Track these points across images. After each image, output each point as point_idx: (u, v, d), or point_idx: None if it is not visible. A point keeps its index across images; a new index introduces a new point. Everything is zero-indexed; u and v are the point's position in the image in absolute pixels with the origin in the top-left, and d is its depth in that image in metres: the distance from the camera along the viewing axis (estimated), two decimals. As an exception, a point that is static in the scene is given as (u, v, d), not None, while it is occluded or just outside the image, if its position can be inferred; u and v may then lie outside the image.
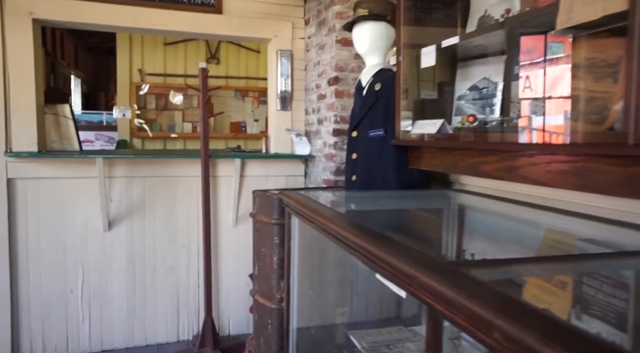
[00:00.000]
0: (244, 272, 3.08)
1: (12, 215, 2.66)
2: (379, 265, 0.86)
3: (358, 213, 1.36)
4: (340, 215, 1.13)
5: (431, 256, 0.78)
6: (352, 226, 1.01)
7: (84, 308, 2.82)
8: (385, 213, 1.42)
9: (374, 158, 1.84)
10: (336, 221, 1.05)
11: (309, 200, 1.38)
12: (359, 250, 0.95)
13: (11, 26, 2.59)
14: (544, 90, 1.14)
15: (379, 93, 1.85)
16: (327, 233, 1.11)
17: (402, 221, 1.36)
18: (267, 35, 3.06)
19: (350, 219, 1.08)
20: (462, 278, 0.65)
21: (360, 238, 0.91)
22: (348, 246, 0.98)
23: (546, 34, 1.34)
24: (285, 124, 3.12)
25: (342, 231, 0.99)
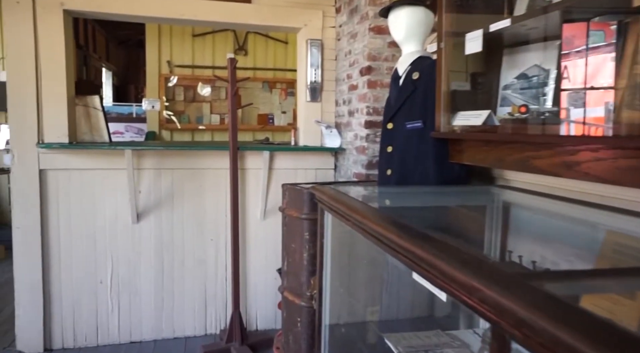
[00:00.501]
0: (272, 266, 3.03)
1: (44, 206, 2.68)
2: (427, 271, 0.78)
3: (398, 211, 1.27)
4: (381, 214, 1.04)
5: (492, 264, 0.68)
6: (395, 226, 0.92)
7: (113, 299, 2.83)
8: (427, 211, 1.33)
9: (411, 151, 1.74)
10: (377, 220, 0.97)
11: (344, 196, 1.30)
12: (405, 254, 0.86)
13: (43, 17, 2.59)
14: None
15: (417, 82, 1.74)
16: (367, 233, 1.02)
17: (447, 220, 1.26)
18: (296, 24, 2.98)
19: (391, 218, 0.99)
20: (536, 293, 0.56)
21: (406, 241, 0.82)
22: (391, 248, 0.90)
23: (589, 21, 1.22)
24: (314, 116, 3.04)
25: (385, 232, 0.90)
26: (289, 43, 5.81)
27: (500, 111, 1.57)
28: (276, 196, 2.99)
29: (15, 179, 2.62)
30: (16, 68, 2.58)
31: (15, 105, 2.59)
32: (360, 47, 2.61)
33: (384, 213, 1.02)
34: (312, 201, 2.07)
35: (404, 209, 1.33)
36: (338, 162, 3.08)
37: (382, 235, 0.94)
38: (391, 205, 1.39)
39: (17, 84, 2.58)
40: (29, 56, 2.58)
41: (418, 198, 1.49)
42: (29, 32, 2.57)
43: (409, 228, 0.92)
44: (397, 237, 0.89)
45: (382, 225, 0.94)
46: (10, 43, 2.56)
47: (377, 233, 0.97)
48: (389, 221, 0.96)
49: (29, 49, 2.58)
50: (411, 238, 0.85)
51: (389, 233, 0.91)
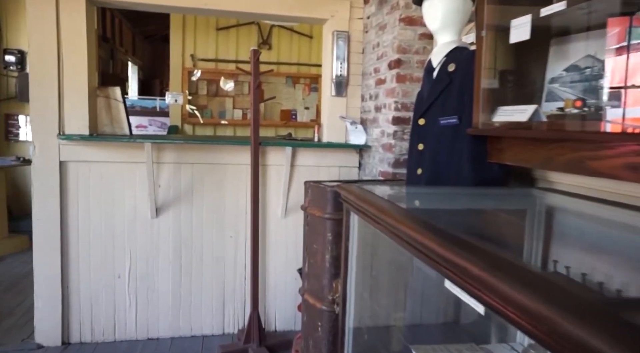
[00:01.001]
0: (292, 266, 2.94)
1: (63, 198, 2.64)
2: (478, 289, 0.66)
3: (432, 214, 1.15)
4: (416, 218, 0.93)
5: (563, 285, 0.56)
6: (435, 233, 0.80)
7: (131, 294, 2.79)
8: (464, 215, 1.20)
9: (444, 149, 1.61)
10: (414, 226, 0.85)
11: (372, 196, 1.18)
12: (447, 266, 0.75)
13: (65, 6, 2.54)
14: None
15: (453, 75, 1.61)
16: (401, 238, 0.91)
17: (488, 226, 1.13)
18: (323, 15, 2.86)
19: (430, 224, 0.87)
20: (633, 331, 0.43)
21: (452, 253, 0.70)
22: (430, 258, 0.78)
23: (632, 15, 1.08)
24: (339, 111, 2.93)
25: (425, 240, 0.79)
26: (313, 37, 5.70)
27: (546, 106, 1.42)
28: (298, 194, 2.89)
29: (36, 170, 2.59)
30: (39, 58, 2.54)
31: (37, 95, 2.56)
32: (390, 38, 2.48)
33: (419, 217, 0.91)
34: (336, 200, 1.96)
35: (438, 212, 1.21)
36: (363, 160, 2.96)
37: (421, 243, 0.82)
38: (424, 208, 1.27)
39: (40, 74, 2.55)
40: (52, 46, 2.54)
41: (453, 201, 1.37)
42: (51, 22, 2.53)
43: (452, 236, 0.80)
44: (439, 246, 0.78)
45: (421, 232, 0.82)
46: (33, 33, 2.53)
47: (413, 240, 0.86)
48: (427, 227, 0.84)
49: (52, 39, 2.54)
50: (457, 250, 0.74)
51: (429, 242, 0.79)
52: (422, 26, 2.40)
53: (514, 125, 1.29)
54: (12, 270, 4.11)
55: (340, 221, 1.97)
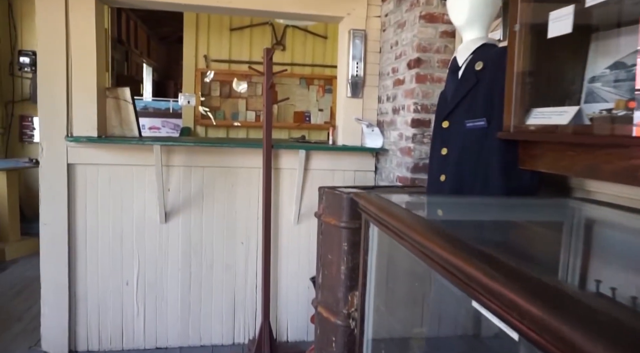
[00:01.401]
0: (305, 274, 2.83)
1: (71, 202, 2.57)
2: (508, 313, 0.54)
3: (463, 229, 1.03)
4: (447, 235, 0.81)
5: (613, 313, 0.45)
6: (470, 255, 0.68)
7: (139, 302, 2.70)
8: (498, 229, 1.08)
9: (471, 155, 1.48)
10: (446, 245, 0.73)
11: (395, 207, 1.07)
12: (483, 294, 0.63)
13: (75, 6, 2.48)
14: None
15: (481, 74, 1.48)
16: (429, 258, 0.79)
17: (526, 242, 1.01)
18: (339, 13, 2.75)
19: (463, 243, 0.75)
20: None
21: (490, 278, 0.58)
22: (463, 282, 0.66)
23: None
24: (355, 113, 2.81)
25: (458, 262, 0.67)
26: (328, 37, 5.60)
27: (586, 108, 1.29)
28: (311, 199, 2.78)
29: (44, 173, 2.53)
30: (47, 58, 2.48)
31: (45, 96, 2.49)
32: (409, 37, 2.36)
33: (450, 234, 0.79)
34: (352, 208, 1.85)
35: (468, 226, 1.09)
36: (379, 164, 2.84)
37: (454, 265, 0.70)
38: (453, 221, 1.14)
39: (48, 75, 2.49)
40: (60, 46, 2.48)
41: (483, 212, 1.24)
42: (60, 22, 2.46)
43: (487, 257, 0.68)
44: (473, 268, 0.66)
45: (455, 254, 0.70)
46: (42, 32, 2.47)
47: (445, 262, 0.74)
48: (462, 248, 0.72)
49: (61, 39, 2.48)
50: (496, 275, 0.62)
51: (464, 265, 0.67)
52: (444, 23, 2.28)
53: (551, 129, 1.16)
54: (24, 274, 4.07)
55: (357, 230, 1.85)
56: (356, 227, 1.85)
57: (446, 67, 2.29)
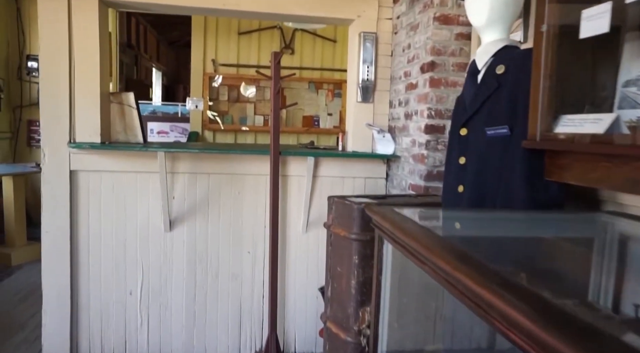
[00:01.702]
0: (313, 284, 2.74)
1: (73, 209, 2.51)
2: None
3: (487, 247, 0.93)
4: (472, 261, 0.71)
5: None
6: (506, 289, 0.59)
7: (143, 312, 2.63)
8: (527, 248, 0.98)
9: (492, 164, 1.38)
10: (472, 274, 0.64)
11: (412, 225, 0.97)
12: (524, 340, 0.53)
13: (77, 8, 2.42)
14: None
15: (502, 78, 1.38)
16: (454, 287, 0.70)
17: (561, 263, 0.90)
18: (349, 15, 2.67)
19: (492, 272, 0.65)
20: None
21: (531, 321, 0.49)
22: (499, 322, 0.57)
23: None
24: (366, 118, 2.72)
25: (498, 303, 0.57)
26: (337, 41, 5.52)
27: (620, 115, 1.19)
28: (320, 207, 2.69)
29: (46, 180, 2.47)
30: (49, 62, 2.43)
31: (47, 101, 2.44)
32: (423, 39, 2.27)
33: (479, 261, 0.69)
34: (363, 219, 1.75)
35: (492, 244, 0.99)
36: (391, 171, 2.74)
37: (488, 303, 0.61)
38: (475, 237, 1.04)
39: (50, 79, 2.43)
40: (63, 50, 2.42)
41: (510, 228, 1.14)
42: (63, 25, 2.41)
43: (521, 290, 0.59)
44: (511, 309, 0.56)
45: (491, 290, 0.61)
46: (45, 36, 2.42)
47: (471, 294, 0.65)
48: (496, 283, 0.63)
49: (63, 42, 2.42)
50: (534, 317, 0.52)
51: (505, 307, 0.58)
52: (459, 25, 2.18)
53: (584, 137, 1.06)
54: (29, 279, 4.02)
55: (369, 242, 1.76)
56: (367, 239, 1.76)
57: (462, 70, 2.19)
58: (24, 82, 5.34)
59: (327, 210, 2.14)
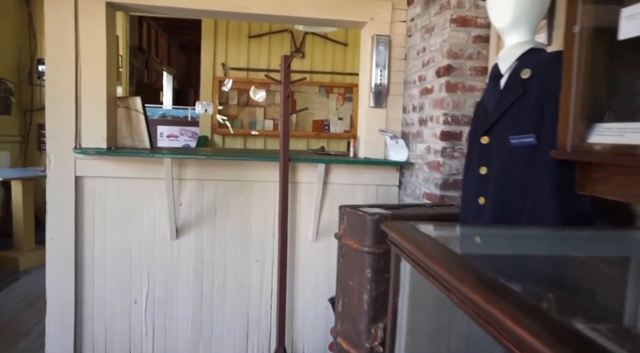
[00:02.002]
0: (323, 294, 2.65)
1: (79, 217, 2.46)
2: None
3: (518, 268, 0.84)
4: (505, 292, 0.62)
5: None
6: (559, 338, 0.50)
7: (148, 322, 2.56)
8: (562, 269, 0.88)
9: (516, 175, 1.29)
10: (519, 318, 0.55)
11: (434, 245, 0.88)
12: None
13: (84, 10, 2.37)
14: None
15: (528, 83, 1.29)
16: (488, 324, 0.61)
17: (598, 288, 0.81)
18: (361, 18, 2.58)
19: (533, 309, 0.57)
20: None
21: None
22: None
23: None
24: (378, 124, 2.63)
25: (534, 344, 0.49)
26: (349, 45, 5.45)
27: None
28: (330, 215, 2.61)
29: (51, 186, 2.42)
30: (55, 66, 2.38)
31: (53, 106, 2.39)
32: (439, 42, 2.18)
33: (525, 300, 0.60)
34: (377, 231, 1.66)
35: (524, 263, 0.89)
36: (404, 179, 2.64)
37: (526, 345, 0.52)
38: (504, 255, 0.95)
39: (56, 83, 2.38)
40: (69, 53, 2.37)
41: (540, 246, 1.04)
42: (69, 28, 2.36)
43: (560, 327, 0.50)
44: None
45: (531, 332, 0.52)
46: (51, 39, 2.37)
47: (503, 331, 0.56)
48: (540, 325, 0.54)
49: (70, 46, 2.37)
50: None
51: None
52: (477, 27, 2.09)
53: (624, 149, 0.97)
54: (36, 284, 3.98)
55: (382, 256, 1.67)
56: (380, 252, 1.67)
57: (479, 74, 2.10)
58: (35, 86, 5.35)
59: (337, 220, 2.06)
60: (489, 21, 2.05)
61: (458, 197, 2.13)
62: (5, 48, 5.01)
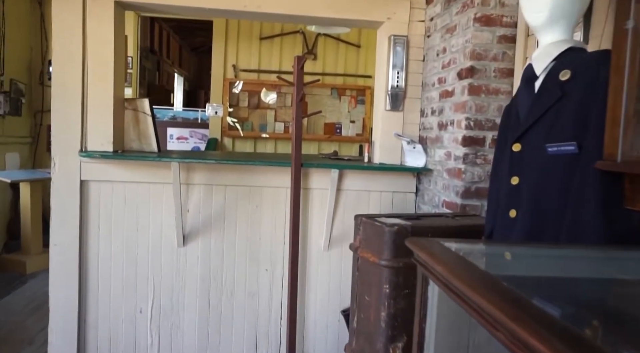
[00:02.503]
0: (335, 306, 2.54)
1: (83, 222, 2.38)
2: None
3: (578, 296, 0.72)
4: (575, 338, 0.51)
5: None
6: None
7: (153, 331, 2.47)
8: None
9: (554, 187, 1.17)
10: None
11: (473, 271, 0.77)
12: None
13: (92, 10, 2.30)
14: None
15: (567, 85, 1.17)
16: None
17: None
18: (378, 17, 2.48)
19: None
20: None
21: None
22: None
23: None
24: (394, 128, 2.52)
25: None
26: (361, 46, 5.34)
27: None
28: (344, 223, 2.50)
29: (55, 190, 2.34)
30: (62, 67, 2.31)
31: (58, 107, 2.32)
32: (461, 42, 2.06)
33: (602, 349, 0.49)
34: (396, 243, 1.55)
35: (583, 289, 0.78)
36: (421, 185, 2.53)
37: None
38: (559, 281, 0.83)
39: (62, 85, 2.31)
40: (77, 53, 2.30)
41: (600, 269, 0.92)
42: (77, 27, 2.29)
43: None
44: None
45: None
46: (58, 39, 2.30)
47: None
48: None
49: (77, 45, 2.30)
50: None
51: None
52: (502, 27, 1.97)
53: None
54: (43, 288, 3.91)
55: (401, 270, 1.56)
56: (399, 266, 1.55)
57: (504, 77, 1.98)
58: (46, 86, 5.31)
59: (351, 228, 1.95)
60: (516, 20, 1.94)
61: (480, 206, 2.02)
62: (17, 49, 4.99)
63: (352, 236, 2.46)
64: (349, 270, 2.49)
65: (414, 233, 1.56)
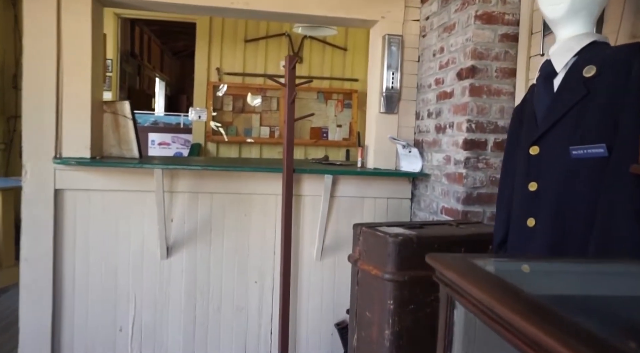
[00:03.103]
0: (328, 319, 2.41)
1: (58, 234, 2.20)
2: None
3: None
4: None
5: None
6: None
7: (134, 350, 2.30)
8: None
9: (579, 194, 1.07)
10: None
11: (514, 292, 0.65)
12: None
13: (68, 5, 2.14)
14: None
15: (593, 82, 1.08)
16: None
17: None
18: (371, 16, 2.38)
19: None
20: None
21: None
22: None
23: None
24: (389, 131, 2.41)
25: None
26: (348, 49, 5.26)
27: None
28: (337, 231, 2.38)
29: (27, 200, 2.17)
30: (34, 67, 2.14)
31: (30, 111, 2.15)
32: (461, 41, 1.97)
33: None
34: (401, 255, 1.43)
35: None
36: (417, 191, 2.42)
37: None
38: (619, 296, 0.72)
39: (34, 86, 2.14)
40: (50, 51, 2.13)
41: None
42: (51, 23, 2.12)
43: None
44: None
45: None
46: (29, 36, 2.13)
47: None
48: None
49: (51, 44, 2.13)
50: None
51: None
52: (505, 25, 1.89)
53: None
54: (14, 305, 3.66)
55: (406, 284, 1.44)
56: (405, 279, 1.44)
57: (507, 77, 1.89)
58: (19, 90, 5.06)
59: (346, 237, 1.83)
60: (518, 18, 1.85)
61: (482, 213, 1.92)
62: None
63: (345, 244, 2.35)
64: (343, 280, 2.37)
65: (420, 243, 1.44)
